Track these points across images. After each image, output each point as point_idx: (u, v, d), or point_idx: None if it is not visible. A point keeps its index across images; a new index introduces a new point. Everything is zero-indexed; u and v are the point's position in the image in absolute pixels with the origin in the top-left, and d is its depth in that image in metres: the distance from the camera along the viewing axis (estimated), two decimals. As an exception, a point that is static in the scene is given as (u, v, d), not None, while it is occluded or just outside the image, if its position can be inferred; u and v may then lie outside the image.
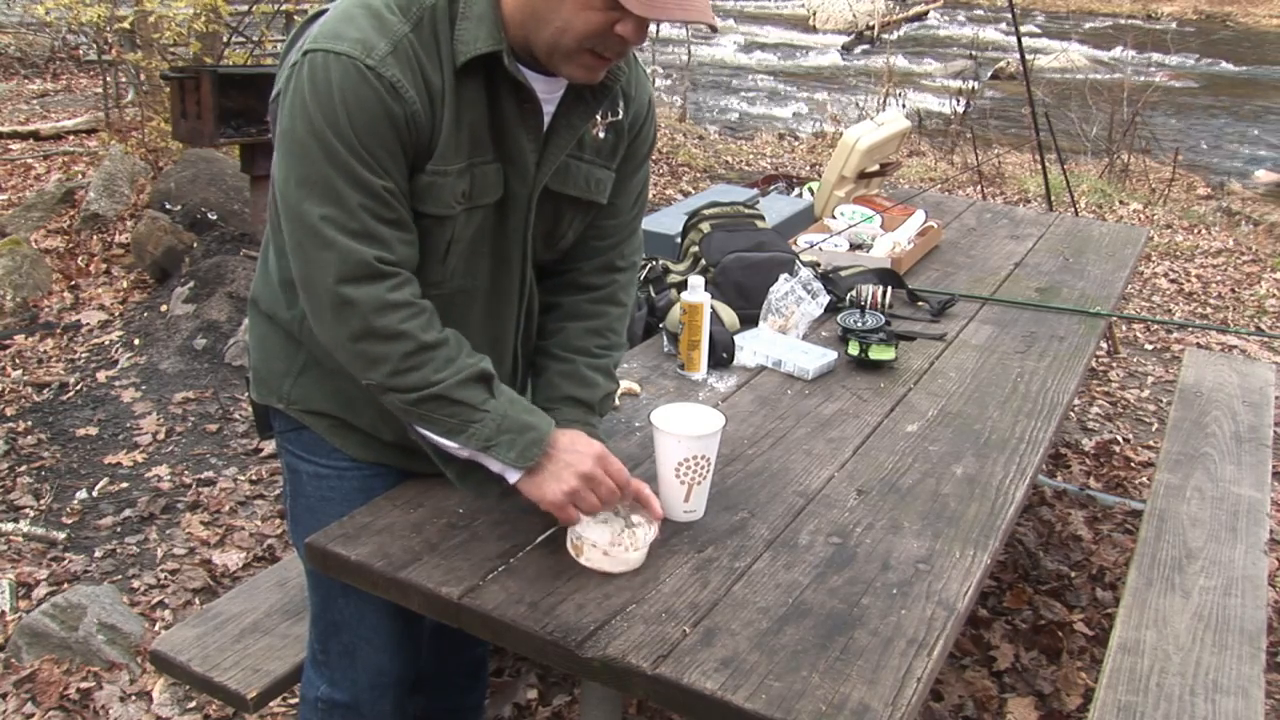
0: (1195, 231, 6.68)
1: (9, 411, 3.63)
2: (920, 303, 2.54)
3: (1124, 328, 4.83)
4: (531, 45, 1.32)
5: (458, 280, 1.44)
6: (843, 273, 2.55)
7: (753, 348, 2.11)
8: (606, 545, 1.37)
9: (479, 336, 1.48)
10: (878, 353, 2.09)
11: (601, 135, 1.48)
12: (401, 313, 1.32)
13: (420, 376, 1.33)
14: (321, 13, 1.35)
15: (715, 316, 2.08)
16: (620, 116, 1.49)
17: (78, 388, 3.81)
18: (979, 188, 7.05)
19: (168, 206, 4.96)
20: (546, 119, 1.40)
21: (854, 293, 2.43)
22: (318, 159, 1.27)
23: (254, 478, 3.30)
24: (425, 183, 1.34)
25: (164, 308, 4.28)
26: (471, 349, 1.39)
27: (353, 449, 1.54)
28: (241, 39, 6.57)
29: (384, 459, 1.54)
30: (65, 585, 2.77)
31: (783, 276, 2.28)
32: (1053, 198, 5.31)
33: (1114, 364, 4.53)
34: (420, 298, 1.36)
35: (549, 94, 1.39)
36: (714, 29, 1.34)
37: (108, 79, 7.11)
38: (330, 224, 1.28)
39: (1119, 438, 3.83)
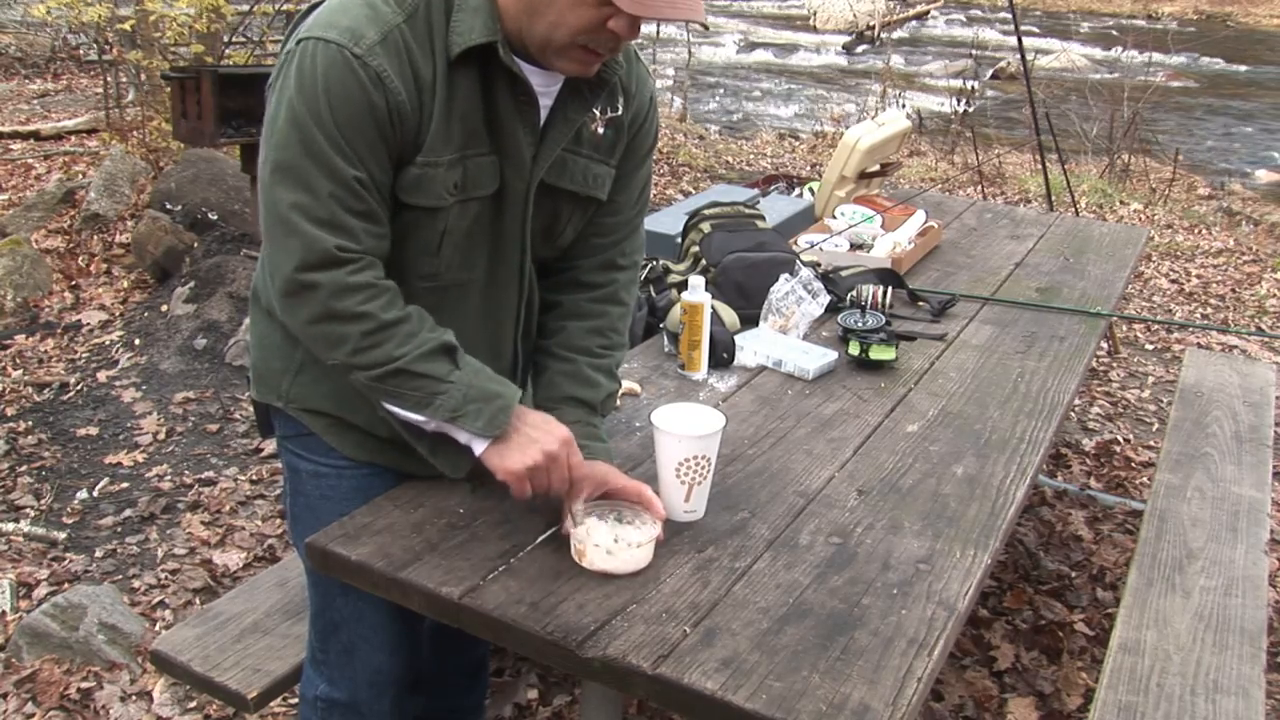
0: (1196, 231, 6.68)
1: (9, 411, 3.63)
2: (921, 303, 2.54)
3: (1124, 328, 4.83)
4: (525, 39, 1.33)
5: (453, 273, 1.44)
6: (843, 273, 2.55)
7: (753, 348, 2.11)
8: (609, 546, 1.37)
9: (477, 331, 1.48)
10: (878, 353, 2.09)
11: (601, 131, 1.48)
12: (361, 294, 1.32)
13: (382, 353, 1.34)
14: (321, 2, 1.36)
15: (716, 316, 2.08)
16: (620, 113, 1.49)
17: (78, 388, 3.81)
18: (979, 188, 7.05)
19: (168, 206, 4.96)
20: (543, 112, 1.41)
21: (854, 293, 2.43)
22: (295, 147, 1.28)
23: (254, 478, 3.30)
24: (415, 174, 1.34)
25: (164, 308, 4.28)
26: (435, 324, 1.39)
27: (349, 449, 1.53)
28: (242, 39, 6.57)
29: (381, 459, 1.54)
30: (66, 585, 2.77)
31: (783, 276, 2.28)
32: (1053, 198, 5.31)
33: (1114, 364, 4.53)
34: (382, 279, 1.36)
35: (545, 87, 1.39)
36: (705, 27, 1.35)
37: (108, 79, 7.11)
38: (298, 211, 1.29)
39: (1119, 438, 3.82)
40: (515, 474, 1.38)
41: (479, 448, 1.39)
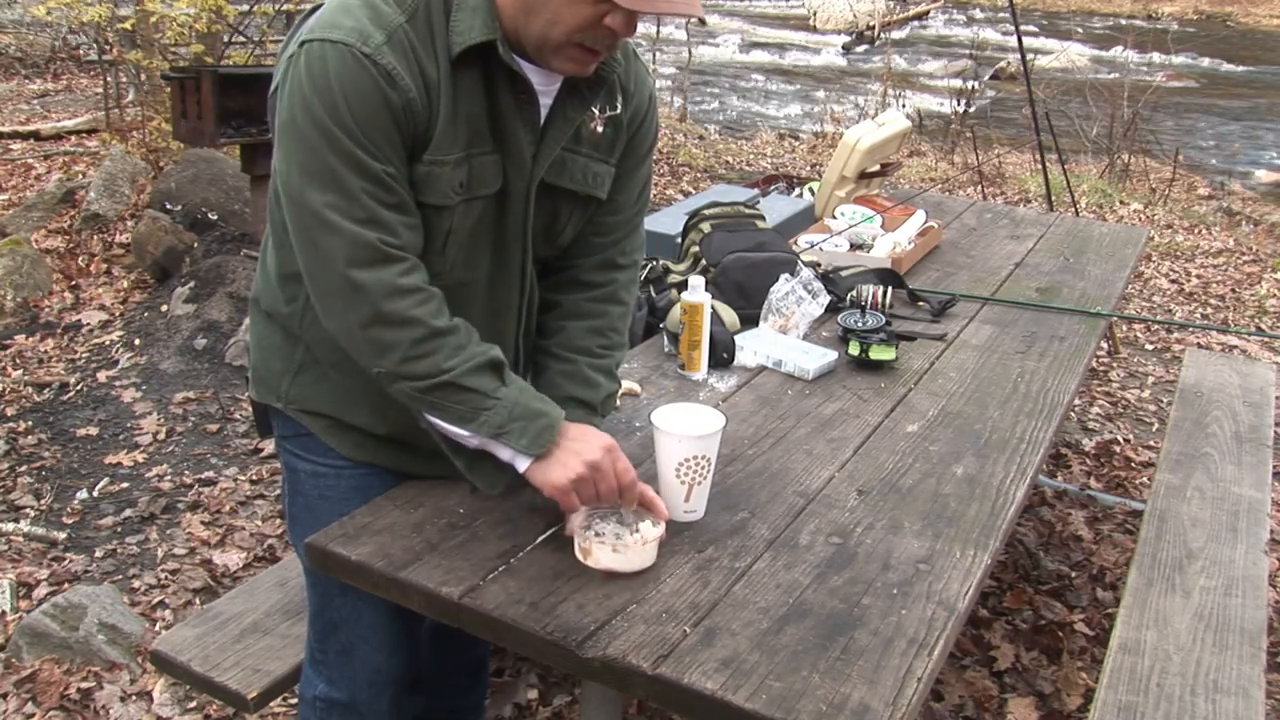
0: (1196, 231, 6.68)
1: (9, 411, 3.63)
2: (921, 303, 2.54)
3: (1124, 328, 4.83)
4: (522, 38, 1.33)
5: (457, 272, 1.44)
6: (843, 273, 2.55)
7: (753, 348, 2.11)
8: (614, 543, 1.37)
9: (479, 330, 1.48)
10: (878, 353, 2.09)
11: (600, 130, 1.48)
12: (412, 298, 1.32)
13: (431, 363, 1.34)
14: (319, 7, 1.36)
15: (716, 316, 2.08)
16: (619, 111, 1.49)
17: (78, 388, 3.81)
18: (979, 188, 7.05)
19: (168, 206, 4.96)
20: (543, 111, 1.41)
21: (854, 293, 2.43)
22: (319, 147, 1.28)
23: (254, 478, 3.30)
24: (422, 173, 1.34)
25: (164, 308, 4.28)
26: (480, 338, 1.40)
27: (348, 449, 1.53)
28: (242, 39, 6.57)
29: (379, 459, 1.54)
30: (66, 585, 2.77)
31: (783, 276, 2.28)
32: (1053, 198, 5.31)
33: (1114, 364, 4.53)
34: (429, 284, 1.36)
35: (545, 86, 1.40)
36: (702, 22, 1.36)
37: (108, 79, 7.12)
38: (334, 210, 1.29)
39: (1119, 438, 3.82)
40: (560, 488, 1.39)
41: (522, 465, 1.40)
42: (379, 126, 1.28)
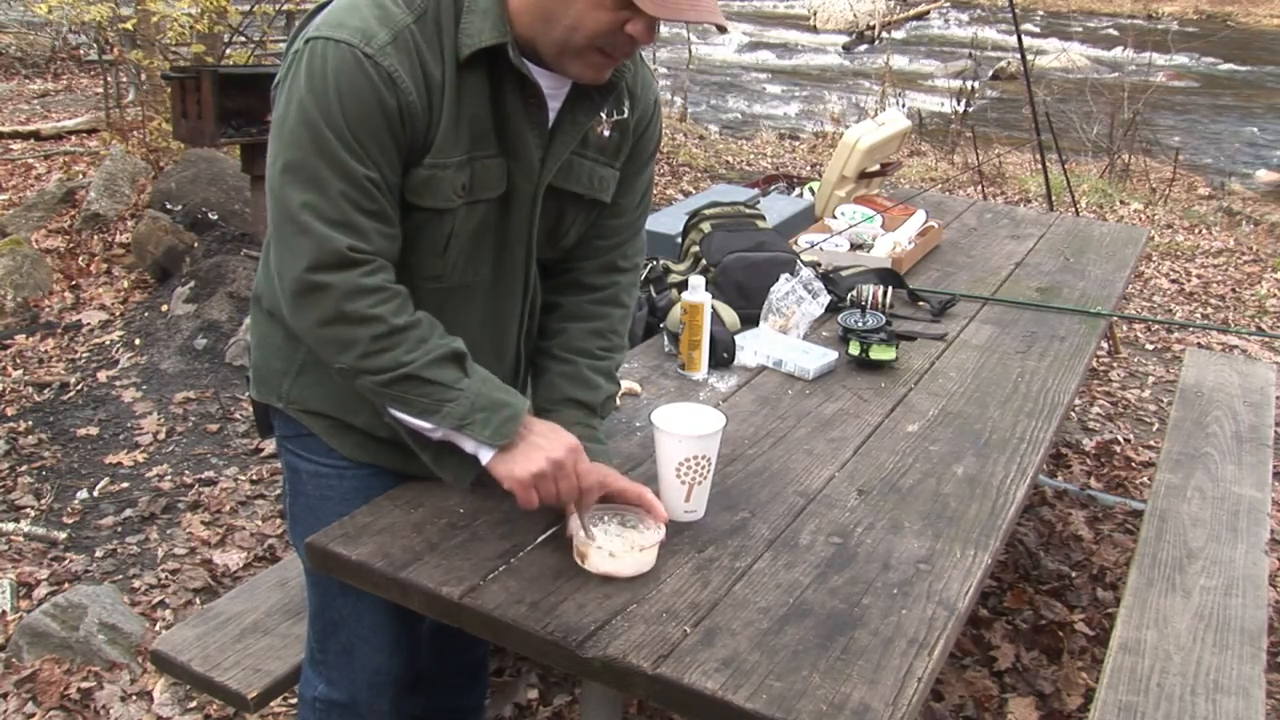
0: (1196, 231, 6.68)
1: (10, 411, 3.63)
2: (921, 303, 2.54)
3: (1125, 328, 4.83)
4: (538, 44, 1.33)
5: (458, 275, 1.44)
6: (843, 272, 2.55)
7: (753, 348, 2.11)
8: (612, 549, 1.37)
9: (480, 333, 1.48)
10: (878, 353, 2.09)
11: (606, 134, 1.48)
12: (373, 297, 1.32)
13: (391, 358, 1.33)
14: (327, 3, 1.36)
15: (716, 316, 2.08)
16: (625, 115, 1.49)
17: (78, 388, 3.81)
18: (979, 188, 7.05)
19: (168, 206, 4.96)
20: (551, 115, 1.41)
21: (855, 293, 2.43)
22: (306, 146, 1.28)
23: (255, 477, 3.30)
24: (424, 175, 1.34)
25: (165, 308, 4.28)
26: (444, 331, 1.38)
27: (349, 450, 1.53)
28: (243, 39, 6.57)
29: (380, 460, 1.54)
30: (66, 585, 2.77)
31: (783, 276, 2.28)
32: (1053, 197, 5.31)
33: (1115, 364, 4.53)
34: (394, 283, 1.35)
35: (554, 90, 1.39)
36: (723, 29, 1.35)
37: (108, 79, 7.12)
38: (309, 211, 1.28)
39: (1119, 438, 3.82)
40: (521, 482, 1.37)
41: (485, 457, 1.39)
42: (370, 130, 1.28)
